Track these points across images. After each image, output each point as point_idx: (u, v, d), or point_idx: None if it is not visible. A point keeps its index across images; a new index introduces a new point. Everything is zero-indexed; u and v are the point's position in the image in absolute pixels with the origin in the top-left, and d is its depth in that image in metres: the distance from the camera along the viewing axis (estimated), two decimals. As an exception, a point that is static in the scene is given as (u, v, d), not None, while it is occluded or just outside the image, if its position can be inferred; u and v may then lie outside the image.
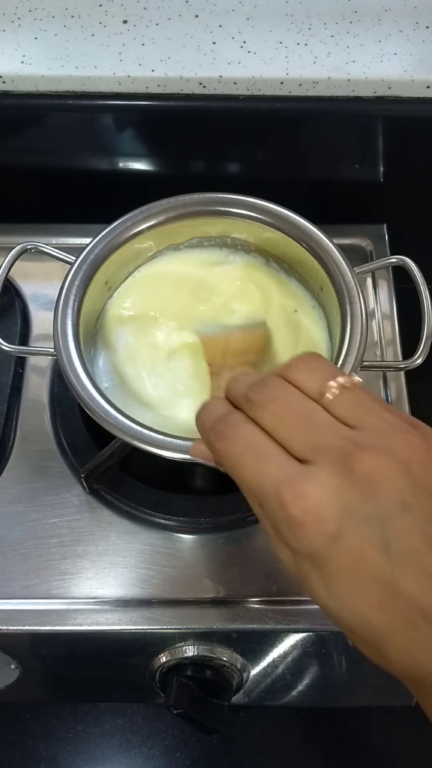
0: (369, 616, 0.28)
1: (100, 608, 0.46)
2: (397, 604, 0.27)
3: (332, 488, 0.28)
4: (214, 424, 0.32)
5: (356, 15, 0.51)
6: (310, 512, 0.28)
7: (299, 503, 0.28)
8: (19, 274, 0.57)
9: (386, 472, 0.28)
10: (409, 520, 0.28)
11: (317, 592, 0.29)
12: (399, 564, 0.27)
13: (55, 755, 0.60)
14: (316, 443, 0.29)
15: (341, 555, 0.28)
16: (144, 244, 0.50)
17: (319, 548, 0.28)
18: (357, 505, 0.28)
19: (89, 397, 0.42)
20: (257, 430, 0.30)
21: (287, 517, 0.28)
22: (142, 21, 0.52)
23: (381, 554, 0.27)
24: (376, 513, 0.28)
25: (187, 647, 0.47)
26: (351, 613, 0.28)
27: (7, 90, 0.56)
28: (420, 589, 0.27)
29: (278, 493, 0.28)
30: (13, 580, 0.47)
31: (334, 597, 0.28)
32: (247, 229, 0.50)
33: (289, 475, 0.28)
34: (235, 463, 0.30)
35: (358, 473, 0.28)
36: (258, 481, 0.29)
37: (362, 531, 0.27)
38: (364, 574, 0.28)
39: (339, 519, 0.27)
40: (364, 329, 0.44)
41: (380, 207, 0.64)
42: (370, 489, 0.28)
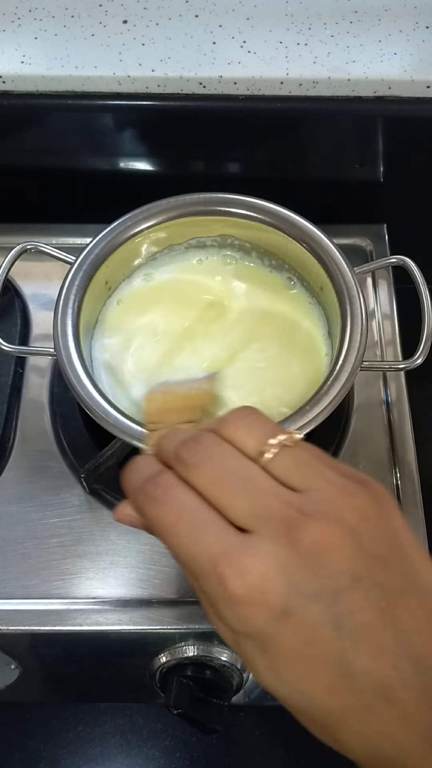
0: (321, 699, 0.26)
1: (100, 608, 0.46)
2: (352, 684, 0.25)
3: (276, 562, 0.25)
4: (143, 485, 0.29)
5: (356, 15, 0.51)
6: (253, 590, 0.25)
7: (240, 580, 0.25)
8: (19, 274, 0.57)
9: (334, 543, 0.26)
10: (361, 593, 0.26)
11: (263, 675, 0.27)
12: (352, 641, 0.25)
13: (55, 755, 0.60)
14: (256, 510, 0.26)
15: (289, 635, 0.25)
16: (144, 244, 0.50)
17: (263, 629, 0.25)
18: (304, 580, 0.25)
19: (89, 397, 0.42)
20: (191, 494, 0.28)
21: (227, 595, 0.25)
22: (142, 21, 0.52)
23: (332, 632, 0.25)
24: (325, 588, 0.25)
25: (187, 647, 0.47)
26: (301, 696, 0.26)
27: (7, 90, 0.56)
28: (376, 667, 0.25)
29: (216, 568, 0.25)
30: (13, 580, 0.47)
31: (281, 680, 0.26)
32: (247, 229, 0.50)
33: (227, 548, 0.26)
34: (166, 531, 0.27)
35: (304, 545, 0.25)
36: (193, 552, 0.26)
37: (311, 608, 0.25)
38: (315, 655, 0.25)
39: (285, 596, 0.25)
40: (364, 329, 0.44)
41: (380, 207, 0.64)
42: (318, 562, 0.25)
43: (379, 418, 0.53)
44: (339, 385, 0.42)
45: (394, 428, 0.52)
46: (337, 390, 0.42)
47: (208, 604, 0.27)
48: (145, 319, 0.50)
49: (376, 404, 0.53)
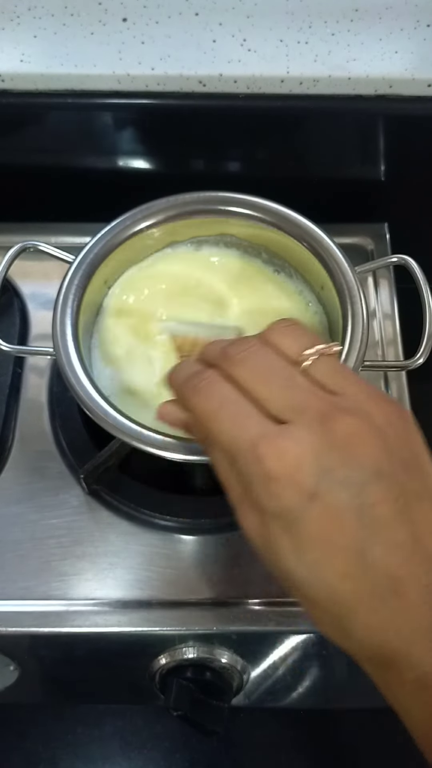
0: (336, 584, 0.27)
1: (99, 610, 0.46)
2: (366, 573, 0.27)
3: (311, 447, 0.27)
4: (188, 378, 0.31)
5: (357, 13, 0.51)
6: (288, 468, 0.27)
7: (277, 459, 0.27)
8: (18, 274, 0.57)
9: (365, 437, 0.28)
10: (383, 488, 0.27)
11: (285, 557, 0.28)
12: (371, 532, 0.27)
13: (55, 757, 0.59)
14: (295, 403, 0.29)
15: (314, 517, 0.27)
16: (144, 243, 0.50)
17: (293, 507, 0.27)
18: (334, 466, 0.27)
19: (88, 397, 0.42)
20: (233, 387, 0.30)
21: (263, 472, 0.27)
22: (141, 19, 0.52)
23: (354, 520, 0.27)
24: (352, 477, 0.27)
25: (187, 649, 0.46)
26: (318, 581, 0.27)
27: (6, 88, 0.56)
28: (390, 560, 0.27)
29: (255, 448, 0.28)
30: (11, 581, 0.46)
31: (302, 563, 0.28)
32: (247, 227, 0.50)
33: (267, 431, 0.28)
34: (210, 418, 0.30)
35: (337, 435, 0.27)
36: (234, 435, 0.29)
37: (337, 494, 0.27)
38: (336, 540, 0.27)
39: (315, 478, 0.27)
40: (365, 329, 0.44)
41: (381, 206, 0.64)
42: (349, 452, 0.27)
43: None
44: (340, 385, 0.42)
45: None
46: (337, 390, 0.41)
47: (239, 488, 0.29)
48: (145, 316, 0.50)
49: (377, 404, 0.53)
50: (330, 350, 0.31)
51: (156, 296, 0.51)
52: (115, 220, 0.48)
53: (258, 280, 0.51)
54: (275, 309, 0.50)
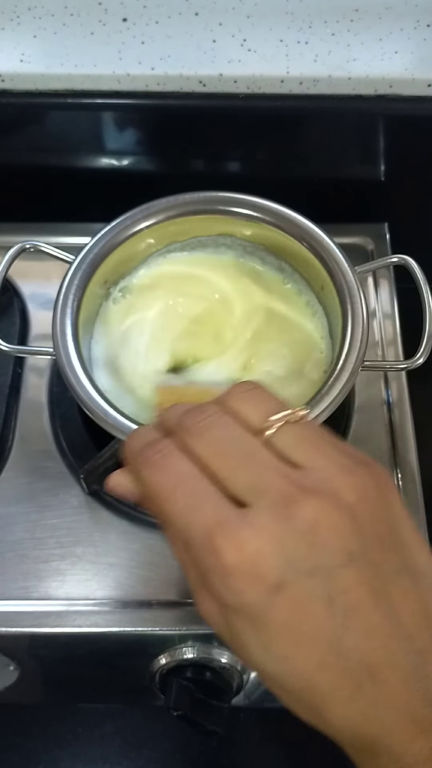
0: (310, 675, 0.26)
1: (99, 610, 0.46)
2: (341, 662, 0.25)
3: (272, 537, 0.25)
4: (143, 449, 0.29)
5: (357, 13, 0.51)
6: (248, 562, 0.25)
7: (235, 552, 0.25)
8: (18, 274, 0.57)
9: (331, 521, 0.26)
10: (356, 572, 0.26)
11: (250, 651, 0.26)
12: (344, 620, 0.25)
13: (55, 757, 0.59)
14: (255, 483, 0.27)
15: (281, 610, 0.25)
16: (143, 243, 0.50)
17: (256, 603, 0.25)
18: (299, 556, 0.25)
19: (88, 397, 0.42)
20: (190, 463, 0.28)
21: (220, 566, 0.25)
22: (141, 19, 0.52)
23: (324, 609, 0.25)
24: (319, 565, 0.25)
25: (186, 649, 0.46)
26: (290, 673, 0.26)
27: (6, 89, 0.56)
28: (366, 646, 0.25)
29: (211, 539, 0.25)
30: (11, 581, 0.46)
31: (271, 656, 0.26)
32: (247, 227, 0.50)
33: (224, 519, 0.26)
34: (163, 497, 0.27)
35: (302, 521, 0.25)
36: (188, 522, 0.26)
37: (305, 584, 0.25)
38: (306, 631, 0.25)
39: (279, 571, 0.25)
40: (365, 329, 0.44)
41: (381, 206, 0.64)
42: (315, 539, 0.25)
43: (380, 418, 0.53)
44: (340, 385, 0.42)
45: (395, 428, 0.52)
46: (338, 390, 0.41)
47: (197, 577, 0.27)
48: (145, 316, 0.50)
49: (377, 404, 0.53)
50: (295, 416, 0.28)
51: (156, 296, 0.51)
52: (115, 220, 0.48)
53: (258, 280, 0.51)
54: (275, 309, 0.50)
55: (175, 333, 0.49)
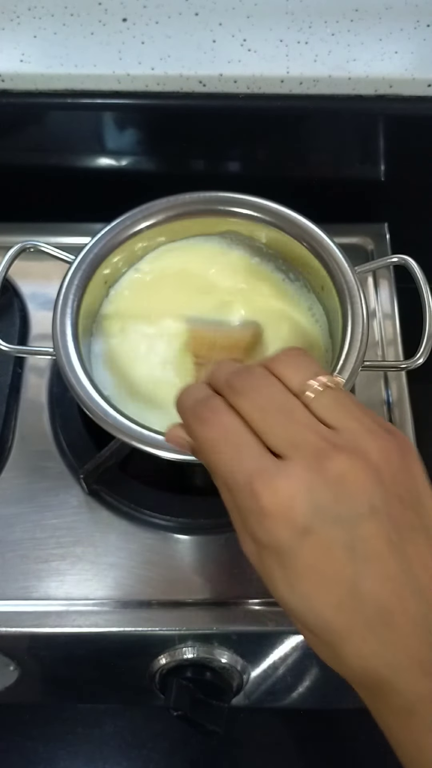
0: (328, 615, 0.28)
1: (99, 610, 0.46)
2: (357, 605, 0.28)
3: (305, 485, 0.28)
4: (194, 406, 0.32)
5: (357, 13, 0.51)
6: (281, 506, 0.28)
7: (271, 496, 0.28)
8: (18, 274, 0.57)
9: (359, 476, 0.28)
10: (376, 524, 0.28)
11: (278, 587, 0.29)
12: (362, 566, 0.28)
13: (55, 757, 0.59)
14: (292, 439, 0.29)
15: (307, 552, 0.28)
16: (143, 243, 0.50)
17: (285, 543, 0.28)
18: (327, 504, 0.28)
19: (88, 397, 0.42)
20: (236, 418, 0.31)
21: (258, 508, 0.28)
22: (141, 19, 0.52)
23: (346, 555, 0.28)
24: (345, 514, 0.28)
25: (186, 649, 0.46)
26: (311, 611, 0.28)
27: (6, 89, 0.56)
28: (380, 592, 0.28)
29: (251, 484, 0.28)
30: (11, 581, 0.46)
31: (295, 594, 0.29)
32: (247, 227, 0.50)
33: (263, 468, 0.29)
34: (210, 448, 0.30)
35: (332, 473, 0.28)
36: (232, 469, 0.29)
37: (330, 530, 0.28)
38: (328, 573, 0.28)
39: (308, 516, 0.28)
40: (365, 329, 0.44)
41: (381, 206, 0.64)
42: (342, 490, 0.28)
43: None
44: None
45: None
46: (337, 390, 0.41)
47: (239, 518, 0.30)
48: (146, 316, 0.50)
49: (378, 404, 0.53)
50: (332, 382, 0.31)
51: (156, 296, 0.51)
52: (115, 220, 0.48)
53: (258, 280, 0.51)
54: (275, 309, 0.50)
55: (175, 332, 0.49)
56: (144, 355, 0.48)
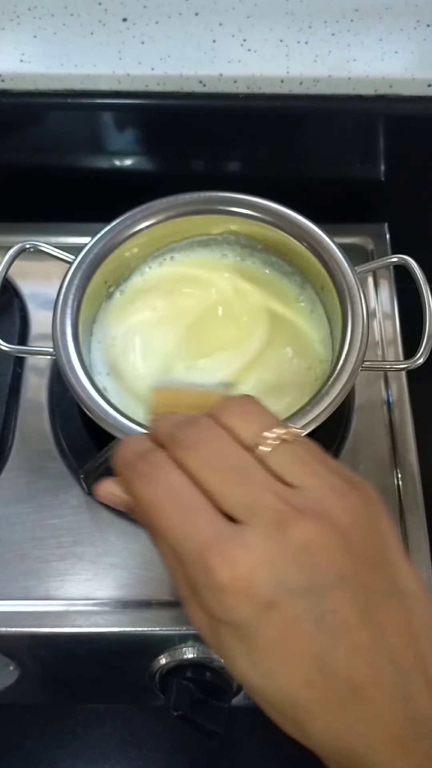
0: (296, 692, 0.26)
1: (99, 610, 0.46)
2: (328, 681, 0.26)
3: (265, 556, 0.25)
4: (134, 460, 0.29)
5: (357, 13, 0.51)
6: (240, 580, 0.25)
7: (228, 570, 0.25)
8: (18, 274, 0.57)
9: (324, 543, 0.26)
10: (345, 593, 0.26)
11: (237, 663, 0.27)
12: (332, 639, 0.26)
13: (55, 757, 0.59)
14: (248, 501, 0.27)
15: (271, 627, 0.26)
16: (144, 243, 0.50)
17: (246, 619, 0.26)
18: (291, 576, 0.25)
19: (88, 397, 0.42)
20: (183, 476, 0.27)
21: (213, 583, 0.25)
22: (141, 19, 0.52)
23: (314, 628, 0.26)
24: (311, 585, 0.26)
25: (187, 649, 0.46)
26: (276, 689, 0.26)
27: (6, 89, 0.56)
28: (352, 664, 0.26)
29: (204, 555, 0.25)
30: (11, 581, 0.46)
31: (258, 671, 0.26)
32: (247, 227, 0.50)
33: (217, 536, 0.26)
34: (154, 510, 0.27)
35: (295, 541, 0.26)
36: (181, 536, 0.26)
37: (295, 603, 0.26)
38: (295, 649, 0.26)
39: (271, 590, 0.25)
40: (365, 329, 0.44)
41: (381, 206, 0.64)
42: (307, 560, 0.26)
43: (381, 418, 0.53)
44: (340, 385, 0.42)
45: (395, 428, 0.52)
46: (338, 390, 0.41)
47: (188, 590, 0.27)
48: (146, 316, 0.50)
49: (377, 404, 0.53)
50: (289, 434, 0.28)
51: (156, 296, 0.51)
52: (115, 220, 0.48)
53: (258, 281, 0.51)
54: (275, 309, 0.50)
55: (174, 333, 0.49)
56: (142, 356, 0.48)
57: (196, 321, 0.50)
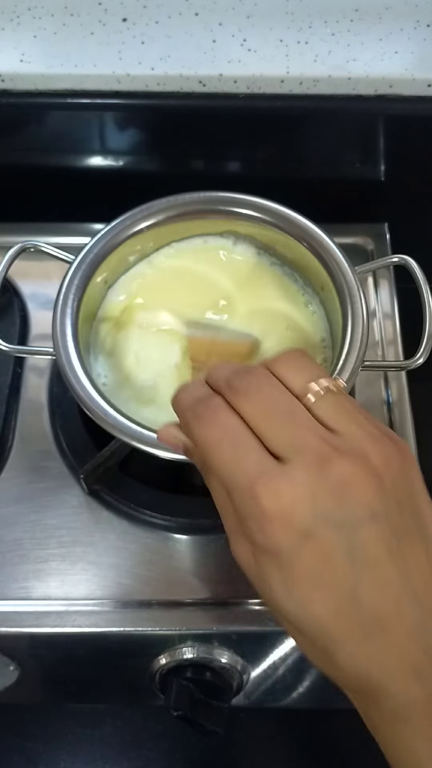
0: (326, 620, 0.28)
1: (99, 609, 0.46)
2: (355, 610, 0.28)
3: (307, 489, 0.28)
4: (193, 404, 0.32)
5: (357, 13, 0.51)
6: (283, 509, 0.28)
7: (273, 500, 0.28)
8: (18, 274, 0.57)
9: (360, 481, 0.28)
10: (376, 530, 0.28)
11: (275, 590, 0.29)
12: (362, 572, 0.28)
13: (55, 757, 0.59)
14: (295, 442, 0.29)
15: (307, 556, 0.28)
16: (143, 243, 0.50)
17: (285, 547, 0.28)
18: (329, 509, 0.28)
19: (88, 397, 0.42)
20: (236, 418, 0.30)
21: (259, 511, 0.28)
22: (141, 19, 0.52)
23: (345, 560, 0.28)
24: (345, 519, 0.28)
25: (186, 649, 0.46)
26: (308, 616, 0.28)
27: (6, 89, 0.56)
28: (378, 598, 0.28)
29: (252, 486, 0.28)
30: (11, 581, 0.46)
31: (292, 598, 0.28)
32: (247, 227, 0.50)
33: (265, 471, 0.28)
34: (210, 448, 0.30)
35: (334, 478, 0.28)
36: (233, 470, 0.29)
37: (331, 535, 0.28)
38: (327, 578, 0.28)
39: (310, 520, 0.28)
40: (365, 329, 0.44)
41: (381, 206, 0.64)
42: (343, 495, 0.28)
43: (381, 418, 0.53)
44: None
45: (395, 428, 0.52)
46: (337, 390, 0.41)
47: (233, 519, 0.30)
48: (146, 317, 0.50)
49: (378, 404, 0.53)
50: (334, 385, 0.31)
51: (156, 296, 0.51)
52: (115, 220, 0.48)
53: (258, 280, 0.51)
54: (275, 309, 0.50)
55: (175, 333, 0.49)
56: (143, 357, 0.48)
57: (196, 321, 0.50)
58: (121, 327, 0.49)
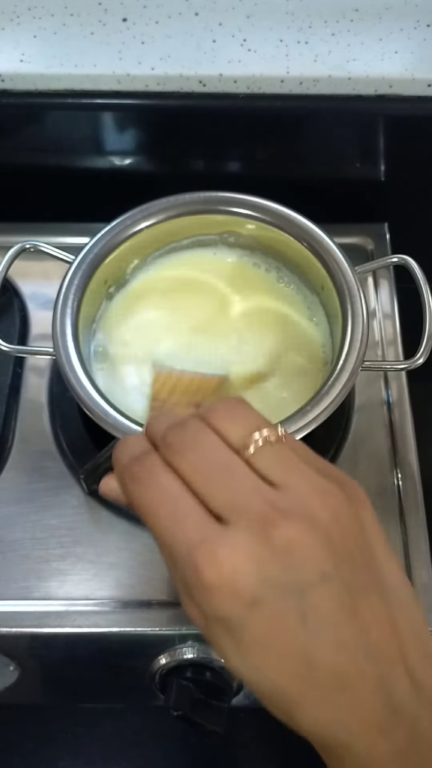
0: (283, 685, 0.27)
1: (99, 610, 0.46)
2: (312, 674, 0.27)
3: (249, 556, 0.26)
4: (129, 463, 0.30)
5: (357, 13, 0.51)
6: (225, 579, 0.26)
7: (214, 570, 0.26)
8: (18, 274, 0.57)
9: (306, 543, 0.27)
10: (328, 590, 0.27)
11: (229, 657, 0.28)
12: (315, 635, 0.27)
13: (55, 757, 0.59)
14: (234, 502, 0.28)
15: (256, 624, 0.27)
16: (143, 243, 0.50)
17: (233, 616, 0.27)
18: (275, 575, 0.26)
19: (88, 397, 0.42)
20: (173, 479, 0.29)
21: (200, 582, 0.26)
22: (141, 19, 0.52)
23: (297, 624, 0.27)
24: (293, 584, 0.27)
25: (186, 649, 0.46)
26: (263, 680, 0.28)
27: (6, 89, 0.56)
28: (335, 659, 0.27)
29: (192, 556, 0.27)
30: (11, 581, 0.46)
31: (247, 665, 0.28)
32: (247, 228, 0.50)
33: (204, 537, 0.27)
34: (148, 512, 0.29)
35: (278, 541, 0.27)
36: (172, 538, 0.28)
37: (279, 601, 0.27)
38: (280, 645, 0.27)
39: (255, 587, 0.26)
40: (365, 329, 0.44)
41: (381, 206, 0.64)
42: (289, 559, 0.27)
43: (380, 418, 0.53)
44: (340, 385, 0.42)
45: (395, 428, 0.52)
46: (338, 390, 0.41)
47: (183, 588, 0.29)
48: (146, 317, 0.50)
49: (377, 404, 0.53)
50: (275, 435, 0.29)
51: (156, 296, 0.51)
52: (115, 220, 0.48)
53: (258, 280, 0.51)
54: (275, 310, 0.50)
55: (174, 333, 0.49)
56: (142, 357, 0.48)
57: (195, 321, 0.50)
58: (119, 330, 0.49)
